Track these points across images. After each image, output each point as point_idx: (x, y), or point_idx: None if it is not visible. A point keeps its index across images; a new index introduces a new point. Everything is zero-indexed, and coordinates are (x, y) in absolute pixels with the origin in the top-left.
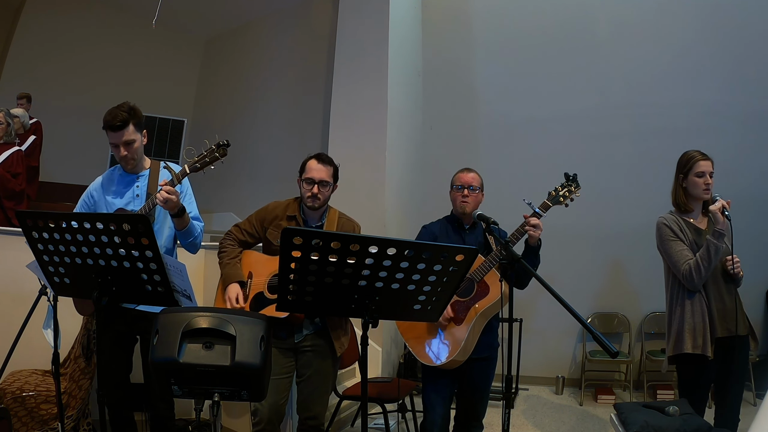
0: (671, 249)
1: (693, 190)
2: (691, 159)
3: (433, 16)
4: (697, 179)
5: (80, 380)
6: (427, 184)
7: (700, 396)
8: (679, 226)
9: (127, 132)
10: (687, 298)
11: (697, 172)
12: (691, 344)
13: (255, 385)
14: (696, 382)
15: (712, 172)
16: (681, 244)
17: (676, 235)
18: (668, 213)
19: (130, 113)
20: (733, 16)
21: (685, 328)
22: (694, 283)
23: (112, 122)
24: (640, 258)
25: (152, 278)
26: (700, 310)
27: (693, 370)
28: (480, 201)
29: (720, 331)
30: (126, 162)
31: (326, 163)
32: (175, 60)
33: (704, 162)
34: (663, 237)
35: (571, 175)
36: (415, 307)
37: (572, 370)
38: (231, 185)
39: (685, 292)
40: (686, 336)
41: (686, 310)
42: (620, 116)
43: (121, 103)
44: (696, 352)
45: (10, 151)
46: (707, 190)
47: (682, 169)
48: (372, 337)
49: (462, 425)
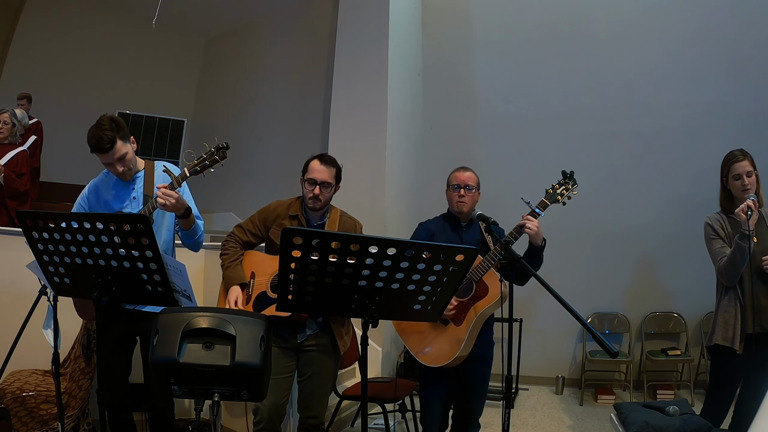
0: (711, 247)
1: (734, 191)
2: (728, 162)
3: (433, 16)
4: (735, 182)
5: (80, 380)
6: (427, 184)
7: (727, 390)
8: (721, 224)
9: (117, 149)
10: (724, 293)
11: (734, 174)
12: (721, 336)
13: (255, 385)
14: (723, 374)
15: (750, 171)
16: (720, 242)
17: (717, 233)
18: (716, 212)
19: (113, 129)
20: (733, 16)
21: (719, 320)
22: (726, 279)
23: (101, 146)
24: (640, 258)
25: (152, 278)
26: (733, 305)
27: (721, 361)
28: (476, 200)
29: (751, 327)
30: (123, 175)
31: (329, 165)
32: (175, 60)
33: (739, 164)
34: (706, 235)
35: (568, 173)
36: (415, 307)
37: (572, 370)
38: (231, 185)
39: (723, 287)
40: (718, 328)
41: (722, 303)
42: (620, 116)
43: (100, 119)
44: (725, 344)
45: (15, 152)
46: (745, 190)
47: (723, 172)
48: (372, 337)
49: (459, 424)
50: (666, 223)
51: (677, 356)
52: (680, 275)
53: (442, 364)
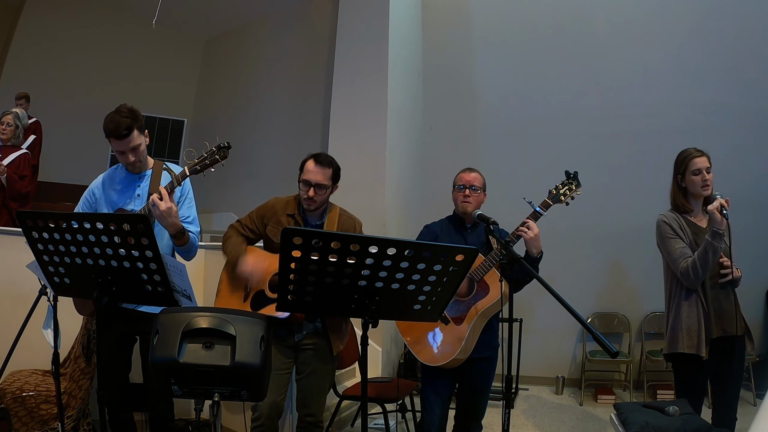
0: (670, 247)
1: (692, 188)
2: (686, 158)
3: (433, 16)
4: (694, 177)
5: (80, 380)
6: (427, 184)
7: (696, 395)
8: (679, 224)
9: (133, 138)
10: (684, 298)
11: (693, 170)
12: (686, 344)
13: (255, 385)
14: (691, 381)
15: (708, 167)
16: (680, 242)
17: (676, 232)
18: (668, 211)
19: (132, 118)
20: (733, 16)
21: (681, 327)
22: (691, 281)
23: (117, 131)
24: (640, 258)
25: (152, 278)
26: (696, 311)
27: (687, 369)
28: (482, 201)
29: (716, 332)
30: (133, 166)
31: (324, 166)
32: (175, 60)
33: (699, 159)
34: (662, 234)
35: (572, 174)
36: (415, 307)
37: (572, 370)
38: (231, 185)
39: (682, 290)
40: (681, 335)
41: (682, 309)
42: (620, 116)
43: (120, 107)
44: (690, 351)
45: (17, 153)
46: (705, 186)
47: (679, 168)
48: (372, 337)
49: (461, 426)
50: None
51: None
52: None
53: (441, 363)
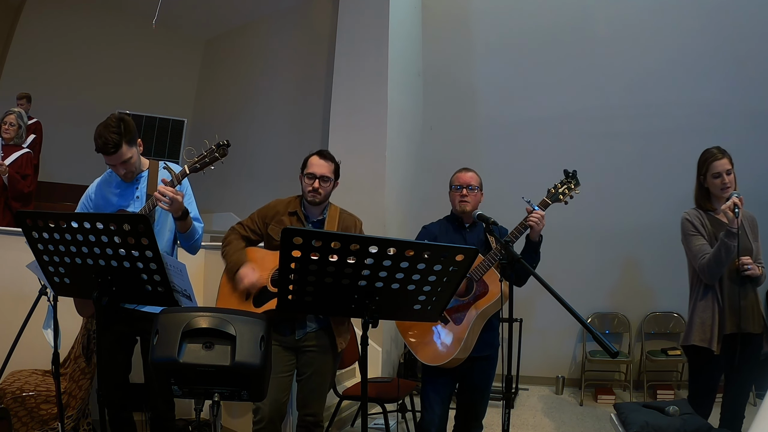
0: (691, 243)
1: (712, 190)
2: (707, 159)
3: (433, 17)
4: (714, 180)
5: (80, 380)
6: (427, 184)
7: (706, 389)
8: (701, 220)
9: (122, 153)
10: (701, 292)
11: (713, 173)
12: (698, 337)
13: (255, 385)
14: (701, 374)
15: (729, 169)
16: (700, 239)
17: (697, 229)
18: (692, 208)
19: (120, 132)
20: (734, 16)
21: (696, 320)
22: (707, 277)
23: (105, 149)
24: (640, 258)
25: (152, 278)
26: (711, 305)
27: (699, 362)
28: (479, 200)
29: (729, 327)
30: (125, 177)
31: (327, 159)
32: (175, 60)
33: (719, 162)
34: (685, 231)
35: (570, 172)
36: (415, 307)
37: (572, 370)
38: (231, 185)
39: (701, 285)
40: (695, 328)
41: (699, 303)
42: (620, 116)
43: (109, 118)
44: (703, 345)
45: (19, 153)
46: (725, 189)
47: (701, 169)
48: (372, 337)
49: (461, 425)
50: (666, 223)
51: (677, 356)
52: (680, 275)
53: (441, 362)
